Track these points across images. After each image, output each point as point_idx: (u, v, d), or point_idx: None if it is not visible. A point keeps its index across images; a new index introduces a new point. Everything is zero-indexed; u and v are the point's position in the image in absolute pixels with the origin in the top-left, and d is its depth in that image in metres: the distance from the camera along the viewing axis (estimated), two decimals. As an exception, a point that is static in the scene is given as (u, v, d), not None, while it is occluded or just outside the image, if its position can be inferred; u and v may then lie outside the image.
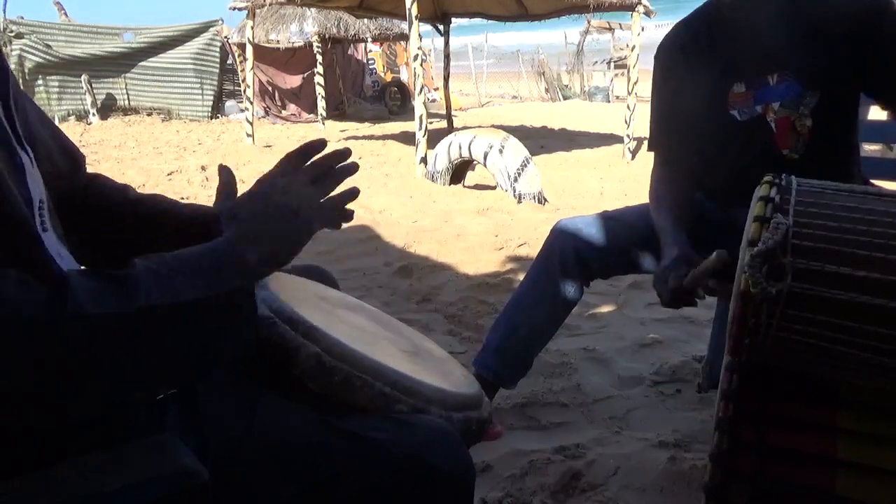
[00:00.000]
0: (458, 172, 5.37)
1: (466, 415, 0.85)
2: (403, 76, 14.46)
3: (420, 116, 5.99)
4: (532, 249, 3.51)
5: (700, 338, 2.39)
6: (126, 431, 0.64)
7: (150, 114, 11.25)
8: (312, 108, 11.64)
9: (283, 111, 12.41)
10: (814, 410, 0.93)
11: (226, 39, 11.63)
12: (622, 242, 1.59)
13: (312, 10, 10.97)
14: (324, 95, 10.98)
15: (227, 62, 11.86)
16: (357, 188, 0.83)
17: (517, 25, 9.43)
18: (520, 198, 4.66)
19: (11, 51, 9.92)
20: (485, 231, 3.95)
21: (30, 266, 0.59)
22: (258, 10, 8.68)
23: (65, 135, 0.88)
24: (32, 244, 0.61)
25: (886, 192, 0.96)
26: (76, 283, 0.57)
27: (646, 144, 1.68)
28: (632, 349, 2.37)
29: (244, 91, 9.09)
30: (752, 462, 0.91)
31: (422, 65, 6.26)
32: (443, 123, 9.75)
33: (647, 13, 7.50)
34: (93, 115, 10.53)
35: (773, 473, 0.91)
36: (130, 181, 5.66)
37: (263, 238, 0.70)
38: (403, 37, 11.54)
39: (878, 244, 0.81)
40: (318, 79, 11.01)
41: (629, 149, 7.24)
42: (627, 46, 10.03)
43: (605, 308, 2.80)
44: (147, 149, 7.80)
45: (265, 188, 0.76)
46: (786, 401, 0.95)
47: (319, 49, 11.28)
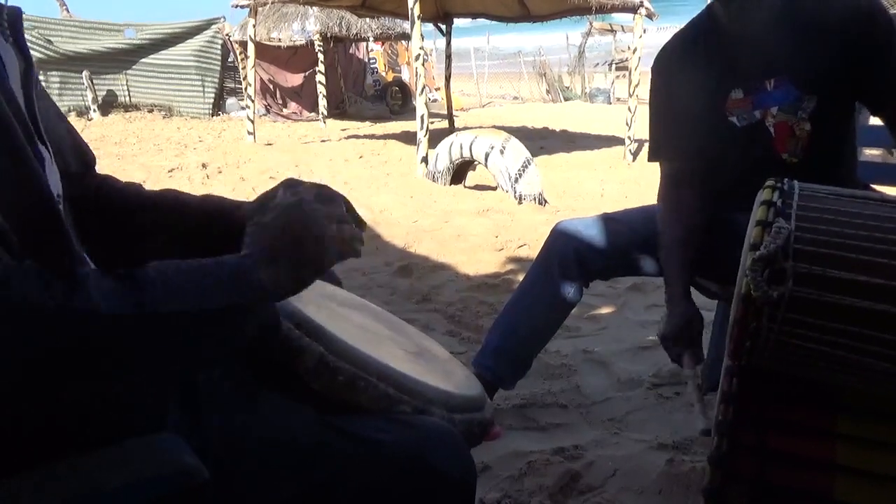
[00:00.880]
0: (459, 173, 5.37)
1: (469, 416, 0.85)
2: (405, 76, 14.46)
3: (421, 116, 5.99)
4: (532, 250, 3.51)
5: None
6: (126, 430, 0.64)
7: (152, 110, 11.24)
8: (313, 107, 11.63)
9: (285, 109, 12.41)
10: (814, 414, 0.93)
11: (227, 37, 11.61)
12: (622, 244, 1.59)
13: (314, 9, 10.97)
14: (325, 94, 10.98)
15: (229, 60, 11.84)
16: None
17: (519, 27, 9.43)
18: (520, 199, 4.66)
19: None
20: (485, 231, 3.95)
21: (55, 258, 0.60)
22: (260, 8, 8.67)
23: (78, 133, 0.88)
24: (61, 237, 0.62)
25: (888, 198, 0.96)
26: (92, 282, 0.57)
27: (646, 148, 1.68)
28: (631, 351, 2.37)
29: (245, 89, 9.08)
30: (752, 465, 0.91)
31: (423, 64, 6.26)
32: (444, 123, 9.74)
33: (650, 15, 7.50)
34: (94, 112, 10.52)
35: (773, 477, 0.91)
36: (131, 178, 5.60)
37: (285, 260, 0.70)
38: (405, 36, 11.54)
39: (880, 249, 0.81)
40: (320, 77, 11.00)
41: (630, 150, 7.24)
42: (629, 48, 10.02)
43: (605, 310, 2.80)
44: (148, 145, 7.80)
45: (295, 209, 0.74)
46: (786, 404, 0.95)
47: (321, 48, 11.27)
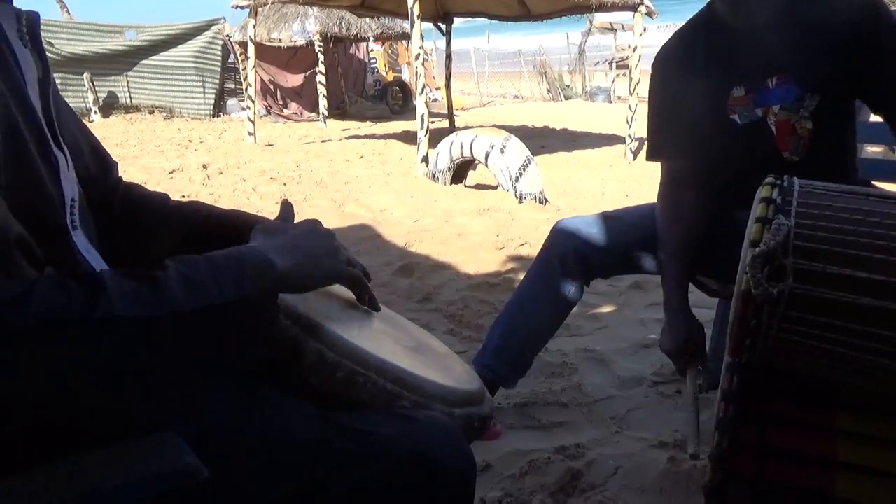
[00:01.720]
0: (460, 172, 5.37)
1: (468, 411, 0.85)
2: (405, 75, 14.46)
3: (422, 116, 5.99)
4: (533, 249, 3.50)
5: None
6: (126, 429, 0.64)
7: (152, 112, 11.25)
8: (314, 107, 11.64)
9: (285, 110, 12.41)
10: (814, 412, 0.93)
11: (228, 38, 11.62)
12: (623, 242, 1.59)
13: (314, 9, 10.98)
14: (325, 94, 10.98)
15: (229, 60, 11.86)
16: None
17: (519, 28, 9.42)
18: (521, 198, 4.66)
19: None
20: (486, 231, 3.95)
21: (61, 264, 0.61)
22: (260, 9, 8.68)
23: (96, 137, 0.89)
24: (64, 243, 0.64)
25: (888, 194, 0.96)
26: (111, 285, 0.58)
27: (646, 147, 1.67)
28: (632, 349, 2.36)
29: (246, 89, 9.09)
30: (752, 463, 0.91)
31: (423, 64, 6.26)
32: (444, 123, 9.74)
33: (650, 14, 7.50)
34: (95, 113, 10.53)
35: (773, 475, 0.91)
36: (132, 179, 5.63)
37: (297, 251, 0.74)
38: (405, 36, 11.54)
39: (880, 246, 0.80)
40: (320, 77, 11.01)
41: (631, 149, 7.23)
42: (629, 47, 10.02)
43: (606, 308, 2.80)
44: (149, 147, 7.80)
45: (314, 224, 0.81)
46: (786, 402, 0.95)
47: (321, 48, 11.28)
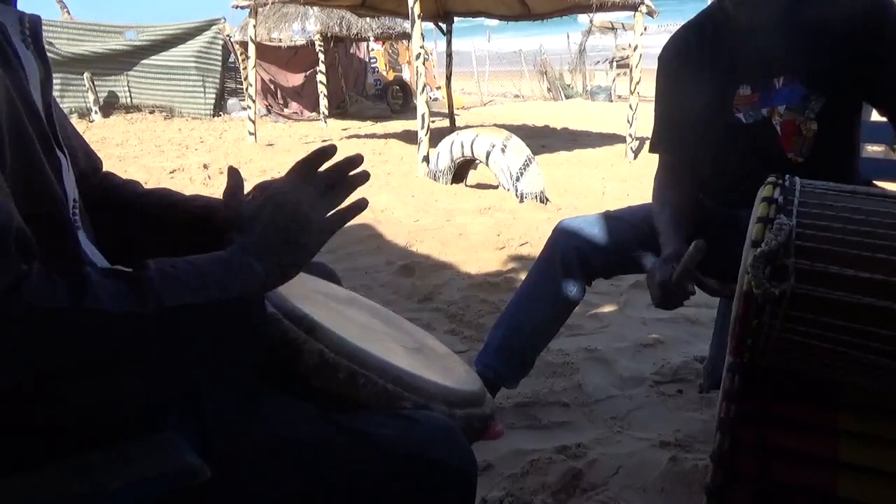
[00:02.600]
0: (460, 171, 5.37)
1: (469, 411, 0.85)
2: (405, 75, 14.46)
3: (422, 115, 5.99)
4: (534, 249, 3.50)
5: (702, 338, 2.38)
6: (128, 429, 0.64)
7: (153, 112, 11.25)
8: (314, 107, 11.64)
9: (286, 109, 12.42)
10: (816, 412, 0.93)
11: (228, 38, 11.62)
12: (624, 242, 1.59)
13: (315, 9, 10.98)
14: (326, 94, 10.98)
15: (230, 60, 11.86)
16: (365, 200, 0.82)
17: (520, 29, 9.42)
18: (522, 197, 4.66)
19: None
20: (487, 230, 3.95)
21: (70, 263, 0.62)
22: (261, 9, 8.68)
23: (84, 139, 0.90)
24: (70, 242, 0.64)
25: (890, 194, 0.96)
26: (96, 281, 0.58)
27: (647, 144, 1.67)
28: (633, 349, 2.36)
29: (246, 89, 9.09)
30: (754, 463, 0.91)
31: (424, 63, 6.25)
32: (445, 122, 9.74)
33: (650, 13, 7.49)
34: (95, 113, 10.54)
35: (775, 474, 0.90)
36: (133, 178, 5.65)
37: (271, 252, 0.72)
38: (406, 36, 11.53)
39: (882, 246, 0.80)
40: (321, 77, 11.01)
41: (631, 148, 7.23)
42: (630, 46, 10.01)
43: (607, 308, 2.80)
44: (149, 147, 7.81)
45: (275, 200, 0.75)
46: (788, 402, 0.95)
47: (322, 47, 11.28)
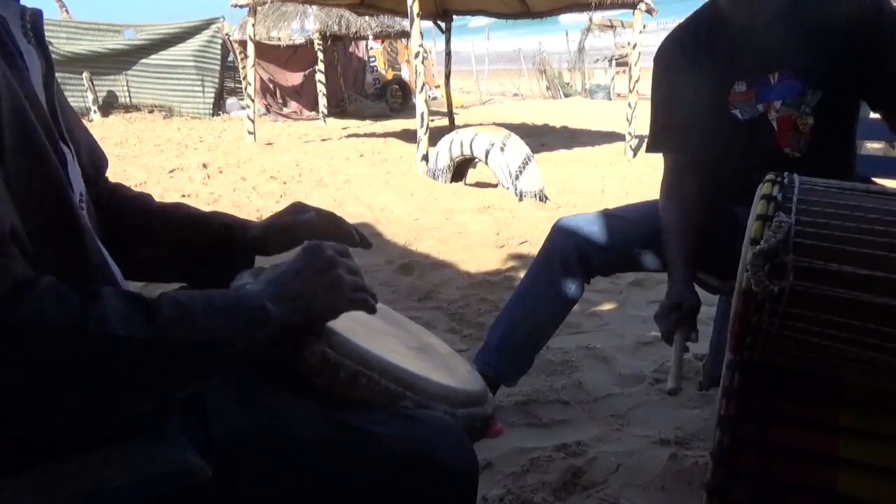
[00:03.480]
0: (460, 170, 5.37)
1: (470, 411, 0.85)
2: (405, 74, 14.45)
3: (421, 114, 5.98)
4: (533, 247, 3.51)
5: (701, 335, 2.37)
6: (130, 428, 0.64)
7: (152, 111, 11.25)
8: (314, 106, 11.63)
9: (285, 108, 12.41)
10: (816, 408, 0.93)
11: (227, 37, 11.61)
12: (623, 240, 1.59)
13: (314, 8, 10.96)
14: (325, 93, 10.97)
15: (229, 59, 11.84)
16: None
17: (519, 28, 9.40)
18: (521, 196, 4.66)
19: None
20: (486, 229, 3.95)
21: (73, 262, 0.64)
22: (259, 8, 8.66)
23: (92, 135, 0.90)
24: (77, 236, 0.65)
25: (889, 191, 0.96)
26: (107, 301, 0.59)
27: (645, 144, 1.67)
28: (633, 347, 2.37)
29: (245, 88, 9.08)
30: (754, 460, 0.91)
31: (423, 62, 6.25)
32: (444, 121, 9.73)
33: (649, 11, 7.49)
34: (94, 113, 10.52)
35: (775, 471, 0.91)
36: (132, 178, 5.68)
37: (291, 293, 0.73)
38: (405, 34, 11.52)
39: (881, 243, 0.81)
40: (320, 76, 11.00)
41: (630, 146, 7.23)
42: (629, 44, 10.00)
43: (607, 306, 2.80)
44: (148, 146, 7.80)
45: (310, 253, 0.78)
46: (788, 399, 0.95)
47: (321, 46, 11.26)
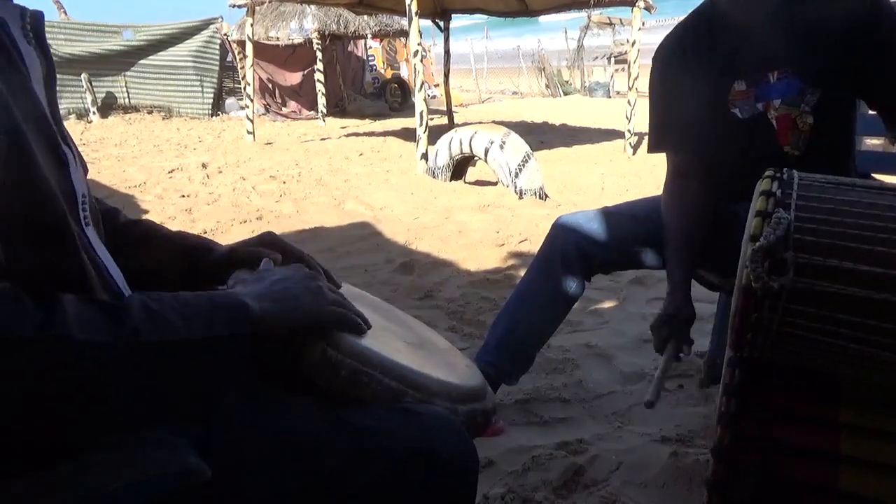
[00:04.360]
0: (459, 169, 5.36)
1: (471, 407, 0.85)
2: (403, 73, 14.44)
3: (420, 113, 5.98)
4: (533, 245, 3.50)
5: (701, 333, 2.37)
6: (129, 429, 0.64)
7: (151, 112, 11.24)
8: (313, 105, 11.62)
9: (284, 108, 12.40)
10: (816, 405, 0.93)
11: (225, 37, 11.60)
12: (624, 237, 1.59)
13: (312, 7, 10.95)
14: (324, 92, 10.96)
15: (227, 59, 11.83)
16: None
17: (517, 22, 9.40)
18: (521, 194, 4.66)
19: None
20: (486, 227, 3.95)
21: (73, 263, 0.63)
22: (258, 8, 8.66)
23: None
24: (77, 242, 0.64)
25: (888, 187, 0.96)
26: (69, 308, 0.57)
27: (646, 140, 1.67)
28: (633, 344, 2.36)
29: (244, 88, 9.07)
30: (755, 457, 0.91)
31: (422, 61, 6.25)
32: (443, 120, 9.74)
33: (648, 8, 7.49)
34: (93, 114, 10.52)
35: (776, 468, 0.91)
36: (131, 179, 5.68)
37: (274, 294, 0.73)
38: (403, 33, 11.51)
39: (881, 239, 0.80)
40: (319, 76, 10.99)
41: (630, 144, 7.23)
42: (628, 42, 10.00)
43: (607, 303, 2.80)
44: (148, 147, 7.80)
45: (292, 269, 0.80)
46: (788, 395, 0.95)
47: (319, 46, 11.25)
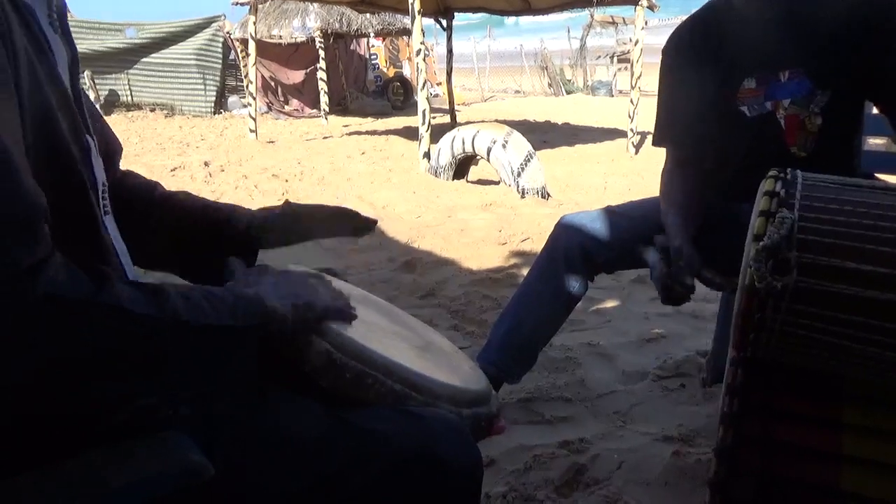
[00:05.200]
0: (462, 167, 5.36)
1: (475, 411, 0.85)
2: (406, 71, 14.43)
3: (423, 111, 5.98)
4: (535, 244, 3.50)
5: (704, 332, 2.38)
6: (133, 426, 0.64)
7: (153, 110, 11.26)
8: (315, 104, 11.63)
9: (286, 106, 12.40)
10: (819, 405, 0.92)
11: (228, 35, 11.61)
12: (627, 237, 1.59)
13: (315, 5, 10.96)
14: (326, 91, 10.97)
15: (230, 58, 11.85)
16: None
17: (520, 27, 9.38)
18: (523, 193, 4.66)
19: None
20: (488, 226, 3.95)
21: (94, 249, 0.65)
22: (261, 6, 8.68)
23: (106, 122, 0.91)
24: (95, 233, 0.67)
25: (892, 186, 0.96)
26: (116, 283, 0.59)
27: (650, 139, 1.67)
28: (636, 344, 2.36)
29: (247, 86, 9.08)
30: (757, 457, 0.91)
31: (424, 60, 6.25)
32: (446, 118, 9.74)
33: (651, 7, 7.48)
34: (96, 112, 10.54)
35: (778, 468, 0.90)
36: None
37: (281, 288, 0.75)
38: (406, 32, 11.51)
39: (885, 238, 0.80)
40: (321, 74, 11.00)
41: (633, 143, 7.22)
42: (630, 41, 9.98)
43: (609, 303, 2.80)
44: (150, 145, 7.81)
45: (294, 272, 0.83)
46: (791, 396, 0.94)
47: (322, 44, 11.26)
